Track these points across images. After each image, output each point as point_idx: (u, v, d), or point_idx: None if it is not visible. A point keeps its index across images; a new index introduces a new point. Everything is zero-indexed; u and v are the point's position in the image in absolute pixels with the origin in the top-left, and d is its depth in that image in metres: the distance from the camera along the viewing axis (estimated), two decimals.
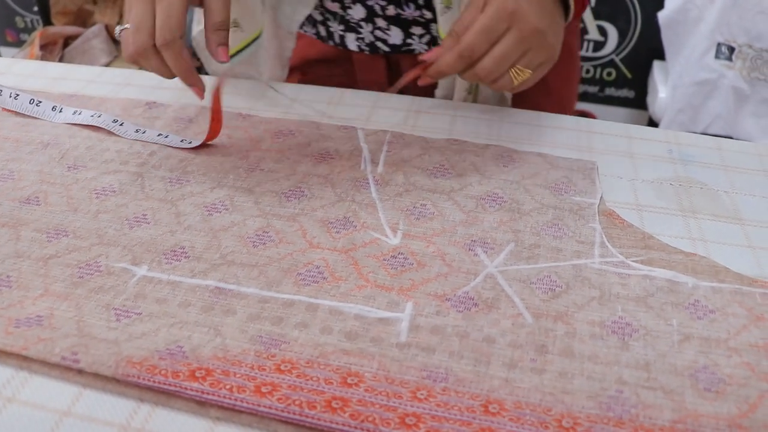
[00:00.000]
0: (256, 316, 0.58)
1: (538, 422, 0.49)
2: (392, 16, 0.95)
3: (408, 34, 0.96)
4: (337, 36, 1.02)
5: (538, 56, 0.75)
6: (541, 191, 0.73)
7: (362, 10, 0.95)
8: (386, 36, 0.97)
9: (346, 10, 0.97)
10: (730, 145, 0.84)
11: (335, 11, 0.98)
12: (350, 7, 0.96)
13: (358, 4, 0.95)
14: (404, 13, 0.93)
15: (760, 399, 0.51)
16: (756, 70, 2.30)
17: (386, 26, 0.96)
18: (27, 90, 0.93)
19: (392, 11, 0.94)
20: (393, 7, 0.93)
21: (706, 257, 0.65)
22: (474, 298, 0.60)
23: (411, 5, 0.92)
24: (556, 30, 0.76)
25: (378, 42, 0.99)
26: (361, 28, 0.98)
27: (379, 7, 0.93)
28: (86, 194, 0.72)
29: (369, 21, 0.96)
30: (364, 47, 1.01)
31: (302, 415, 0.49)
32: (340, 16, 0.98)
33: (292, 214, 0.70)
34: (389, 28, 0.96)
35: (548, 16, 0.75)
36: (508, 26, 0.72)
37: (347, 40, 1.01)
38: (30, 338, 0.55)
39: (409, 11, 0.93)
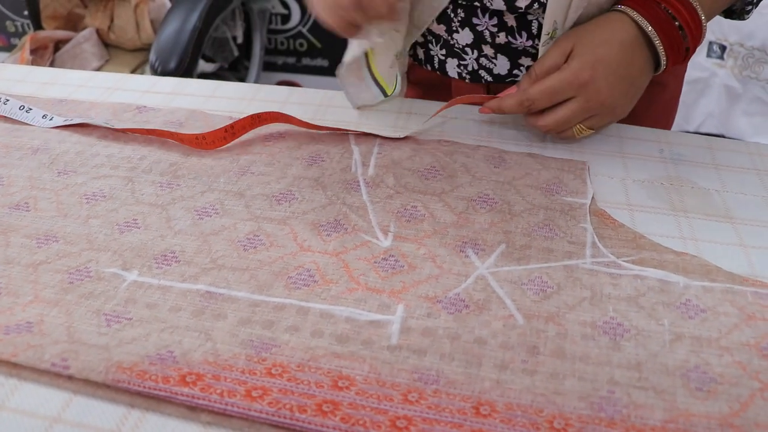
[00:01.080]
0: (246, 320, 0.57)
1: (530, 423, 0.49)
2: (501, 45, 0.88)
3: (516, 64, 0.89)
4: (437, 61, 0.95)
5: (602, 121, 0.79)
6: (532, 192, 0.73)
7: (470, 35, 0.88)
8: (491, 65, 0.90)
9: (452, 35, 0.90)
10: (721, 144, 0.84)
11: (439, 34, 0.93)
12: (457, 31, 0.89)
13: (466, 28, 0.88)
14: (515, 42, 0.86)
15: (751, 398, 0.51)
16: (748, 69, 2.31)
17: (493, 54, 0.89)
18: (16, 95, 0.93)
19: (503, 39, 0.87)
20: (504, 35, 0.86)
21: (697, 256, 0.65)
22: (465, 300, 0.60)
23: (524, 34, 0.85)
24: (632, 94, 0.79)
25: (481, 70, 0.92)
26: (466, 54, 0.91)
27: (489, 33, 0.87)
28: (76, 199, 0.72)
29: (475, 47, 0.90)
30: (465, 75, 0.94)
31: (293, 419, 0.49)
32: (443, 40, 0.93)
33: (282, 218, 0.69)
34: (496, 57, 0.89)
35: (626, 84, 0.77)
36: (575, 95, 0.76)
37: (447, 66, 0.94)
38: (19, 345, 0.54)
39: (521, 40, 0.86)
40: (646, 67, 0.78)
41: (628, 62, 0.76)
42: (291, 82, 3.05)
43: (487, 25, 0.86)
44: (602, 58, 0.74)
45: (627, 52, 0.75)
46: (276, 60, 3.20)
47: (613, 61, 0.75)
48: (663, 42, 0.75)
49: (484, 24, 0.86)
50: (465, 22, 0.87)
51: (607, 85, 0.75)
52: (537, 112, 0.79)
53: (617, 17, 0.77)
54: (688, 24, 0.75)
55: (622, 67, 0.75)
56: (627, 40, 0.75)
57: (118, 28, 2.45)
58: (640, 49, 0.76)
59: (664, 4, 0.75)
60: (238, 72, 2.81)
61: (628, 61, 0.76)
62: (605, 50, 0.75)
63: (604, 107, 0.77)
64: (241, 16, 2.68)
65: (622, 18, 0.76)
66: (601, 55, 0.74)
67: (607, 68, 0.75)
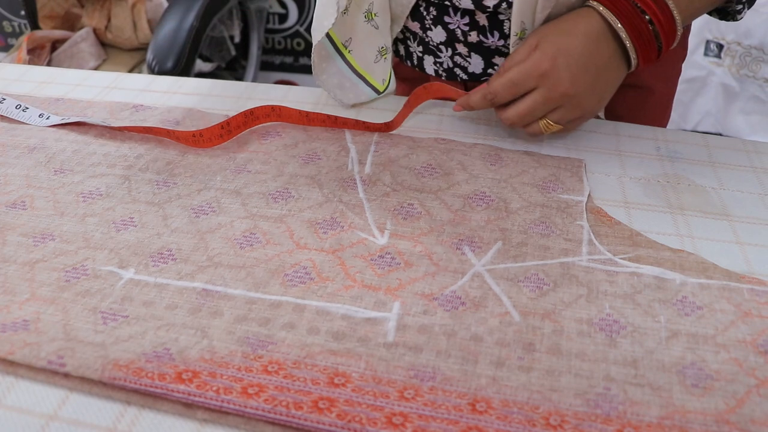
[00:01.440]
0: (243, 318, 0.57)
1: (526, 420, 0.49)
2: (474, 44, 0.88)
3: (490, 63, 0.90)
4: (416, 57, 0.96)
5: (569, 114, 0.76)
6: (529, 189, 0.73)
7: (443, 33, 0.89)
8: (466, 63, 0.91)
9: (426, 32, 0.91)
10: (718, 142, 0.84)
11: (415, 31, 0.93)
12: (430, 29, 0.90)
13: (438, 26, 0.89)
14: (487, 41, 0.87)
15: (747, 394, 0.51)
16: (745, 67, 2.31)
17: (467, 53, 0.90)
18: (13, 94, 0.92)
19: (474, 38, 0.87)
20: (476, 34, 0.87)
21: (693, 254, 0.65)
22: (461, 297, 0.60)
23: (496, 33, 0.86)
24: (600, 88, 0.76)
25: (456, 68, 0.92)
26: (440, 52, 0.92)
27: (460, 32, 0.87)
28: (73, 198, 0.72)
29: (449, 45, 0.90)
30: (441, 72, 0.94)
31: (289, 415, 0.49)
32: (419, 37, 0.93)
33: (279, 215, 0.69)
34: (470, 56, 0.90)
35: (590, 76, 0.75)
36: (536, 86, 0.74)
37: (425, 62, 0.95)
38: (16, 343, 0.54)
39: (493, 40, 0.86)
40: (614, 61, 0.76)
41: (592, 53, 0.74)
42: (288, 81, 3.06)
43: (458, 24, 0.87)
44: (564, 48, 0.73)
45: (591, 43, 0.74)
46: (273, 59, 3.20)
47: (575, 51, 0.73)
48: (632, 37, 0.74)
49: (456, 22, 0.87)
50: (437, 20, 0.88)
51: (569, 75, 0.73)
52: (502, 106, 0.78)
53: (584, 11, 0.75)
54: (659, 20, 0.73)
55: (585, 57, 0.74)
56: (592, 32, 0.74)
57: (115, 27, 2.45)
58: (606, 42, 0.75)
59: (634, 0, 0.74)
60: (236, 71, 2.81)
61: (592, 51, 0.74)
62: (567, 40, 0.74)
63: (567, 98, 0.75)
64: (238, 16, 2.68)
65: (588, 12, 0.75)
66: (563, 45, 0.73)
67: (568, 58, 0.73)
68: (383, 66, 0.92)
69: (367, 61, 0.90)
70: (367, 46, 0.89)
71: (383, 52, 0.90)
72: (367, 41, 0.88)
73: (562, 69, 0.73)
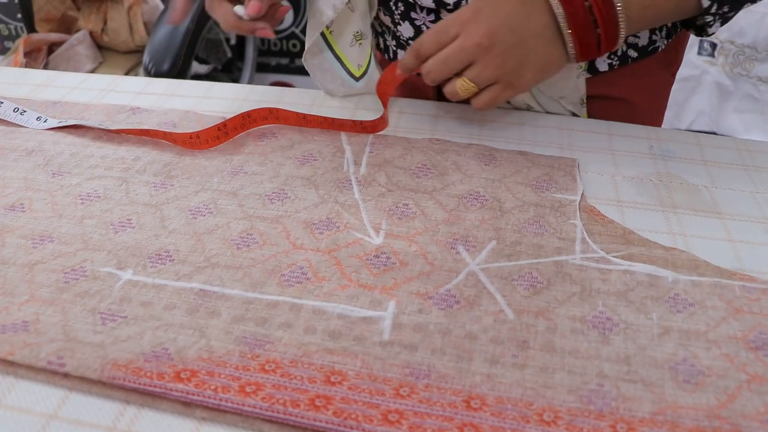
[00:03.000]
0: (240, 318, 0.58)
1: (520, 417, 0.50)
2: None
3: None
4: (391, 51, 0.98)
5: (485, 72, 0.73)
6: (522, 189, 0.74)
7: (410, 28, 0.91)
8: None
9: (396, 27, 0.93)
10: (710, 141, 0.85)
11: (388, 25, 0.95)
12: (399, 24, 0.92)
13: (406, 21, 0.90)
14: None
15: (738, 390, 0.52)
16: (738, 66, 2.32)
17: None
18: (10, 97, 0.93)
19: None
20: None
21: (685, 251, 0.66)
22: (456, 296, 0.60)
23: None
24: (522, 54, 0.73)
25: None
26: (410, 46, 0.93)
27: (426, 28, 0.89)
28: (71, 200, 0.73)
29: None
30: None
31: (286, 413, 0.49)
32: (392, 31, 0.95)
33: (275, 216, 0.70)
34: None
35: (513, 37, 0.72)
36: (457, 33, 0.73)
37: (399, 56, 0.97)
38: (16, 343, 0.55)
39: None
40: (547, 34, 0.73)
41: (521, 17, 0.72)
42: (284, 82, 3.06)
43: (424, 20, 0.88)
44: (492, 3, 0.72)
45: (524, 7, 0.72)
46: (269, 61, 3.20)
47: (503, 10, 0.72)
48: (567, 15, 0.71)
49: (422, 19, 0.88)
50: (405, 16, 0.90)
51: (487, 27, 0.71)
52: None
53: None
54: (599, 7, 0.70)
55: (512, 17, 0.72)
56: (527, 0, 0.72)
57: (112, 30, 2.46)
58: (540, 12, 0.72)
59: None
60: (232, 73, 2.82)
61: (521, 16, 0.72)
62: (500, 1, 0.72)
63: (482, 51, 0.72)
64: None
65: None
66: (493, 2, 0.72)
67: (492, 12, 0.71)
68: (359, 51, 0.93)
69: (344, 43, 0.91)
70: (345, 27, 0.90)
71: (358, 37, 0.91)
72: (344, 22, 0.90)
73: (482, 21, 0.71)
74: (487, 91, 0.75)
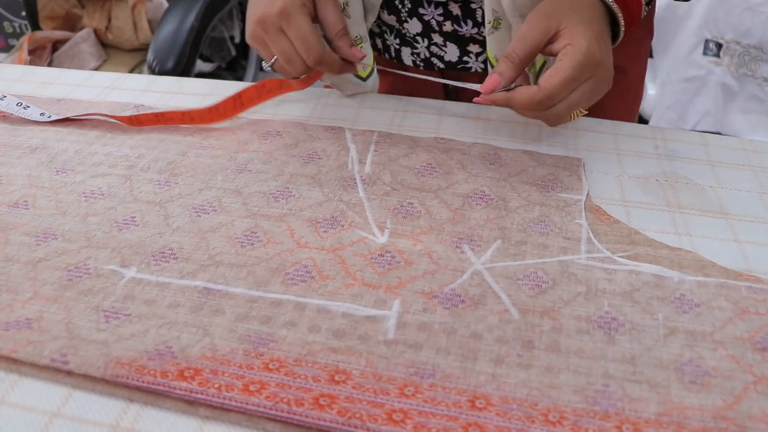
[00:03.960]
0: (244, 316, 0.58)
1: (525, 417, 0.50)
2: (449, 33, 0.91)
3: (465, 51, 0.93)
4: (393, 50, 0.99)
5: (600, 95, 0.74)
6: (528, 188, 0.74)
7: (418, 24, 0.92)
8: (442, 52, 0.94)
9: (402, 24, 0.93)
10: (716, 141, 0.84)
11: (392, 24, 0.95)
12: (406, 21, 0.92)
13: (414, 18, 0.91)
14: (461, 30, 0.90)
15: (744, 391, 0.52)
16: (744, 66, 2.31)
17: (443, 42, 0.93)
18: (14, 94, 0.93)
19: (449, 27, 0.90)
20: (450, 23, 0.90)
21: (691, 252, 0.65)
22: (461, 295, 0.60)
23: (469, 22, 0.89)
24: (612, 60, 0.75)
25: (433, 58, 0.96)
26: (417, 43, 0.95)
27: (435, 22, 0.90)
28: (75, 197, 0.73)
29: (425, 36, 0.93)
30: (419, 62, 0.98)
31: (290, 412, 0.49)
32: (396, 30, 0.96)
33: (279, 215, 0.70)
34: (446, 45, 0.93)
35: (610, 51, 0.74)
36: (591, 76, 0.71)
37: (402, 54, 0.98)
38: (19, 341, 0.55)
39: (467, 28, 0.89)
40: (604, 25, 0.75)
41: (607, 32, 0.74)
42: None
43: (433, 15, 0.89)
44: (599, 33, 0.71)
45: (603, 20, 0.73)
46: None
47: (605, 33, 0.72)
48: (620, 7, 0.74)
49: (431, 13, 0.89)
50: (412, 12, 0.90)
51: (609, 60, 0.72)
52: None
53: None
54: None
55: (605, 35, 0.73)
56: (601, 16, 0.73)
57: (116, 28, 2.46)
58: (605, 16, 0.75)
59: None
60: (236, 72, 2.82)
61: (607, 30, 0.74)
62: (597, 27, 0.71)
63: (607, 82, 0.73)
64: (238, 16, 2.68)
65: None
66: (598, 32, 0.71)
67: (604, 44, 0.71)
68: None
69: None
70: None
71: (358, 41, 0.91)
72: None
73: (606, 55, 0.71)
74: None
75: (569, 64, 0.69)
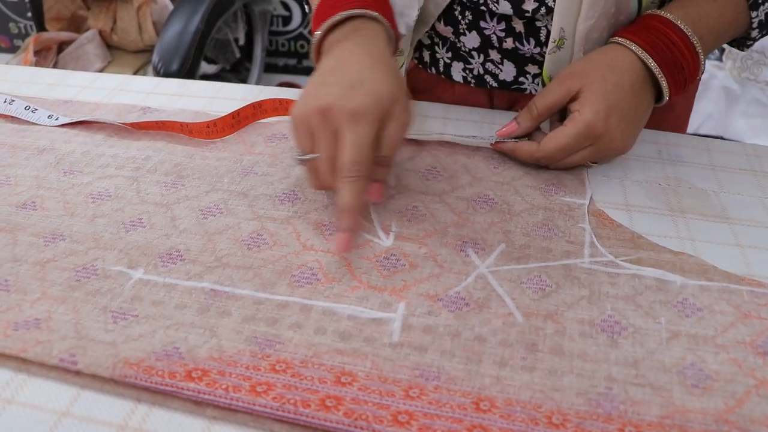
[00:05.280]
0: (250, 318, 0.58)
1: (529, 419, 0.50)
2: (508, 50, 0.88)
3: (522, 71, 0.90)
4: (442, 64, 0.96)
5: (609, 159, 0.78)
6: (532, 192, 0.74)
7: (476, 38, 0.89)
8: (497, 70, 0.91)
9: (459, 37, 0.90)
10: (718, 146, 0.85)
11: (446, 36, 0.93)
12: (464, 34, 0.89)
13: (473, 31, 0.88)
14: (522, 48, 0.87)
15: (746, 394, 0.52)
16: (746, 71, 2.32)
17: (499, 60, 0.90)
18: (22, 96, 0.93)
19: (510, 44, 0.87)
20: (512, 40, 0.86)
21: (694, 256, 0.66)
22: (465, 298, 0.61)
23: (531, 41, 0.86)
24: (638, 132, 0.78)
25: (487, 75, 0.93)
26: (472, 58, 0.92)
27: (496, 38, 0.87)
28: (82, 199, 0.73)
29: (482, 51, 0.90)
30: (470, 79, 0.95)
31: (297, 413, 0.50)
32: (450, 42, 0.93)
33: (285, 217, 0.70)
34: (502, 63, 0.90)
35: (635, 126, 0.76)
36: (590, 144, 0.74)
37: (453, 69, 0.95)
38: (28, 341, 0.55)
39: (528, 47, 0.86)
40: (651, 105, 0.78)
41: (637, 104, 0.75)
42: (292, 83, 3.07)
43: (494, 30, 0.86)
44: (614, 105, 0.72)
45: (636, 95, 0.74)
46: (277, 61, 3.21)
47: (624, 107, 0.73)
48: (666, 75, 0.75)
49: (492, 28, 0.86)
50: (472, 25, 0.88)
51: (620, 132, 0.73)
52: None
53: (623, 55, 0.75)
54: (684, 55, 0.74)
55: (632, 110, 0.74)
56: (636, 82, 0.74)
57: (121, 29, 2.47)
58: (647, 90, 0.76)
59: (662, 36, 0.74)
60: (240, 73, 2.82)
61: (637, 103, 0.75)
62: (617, 97, 0.73)
63: (614, 151, 0.76)
64: (242, 18, 2.69)
65: (628, 56, 0.75)
66: (614, 103, 0.72)
67: (619, 115, 0.73)
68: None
69: None
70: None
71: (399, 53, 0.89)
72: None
73: (614, 127, 0.73)
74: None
75: (569, 132, 0.73)
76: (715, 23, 0.77)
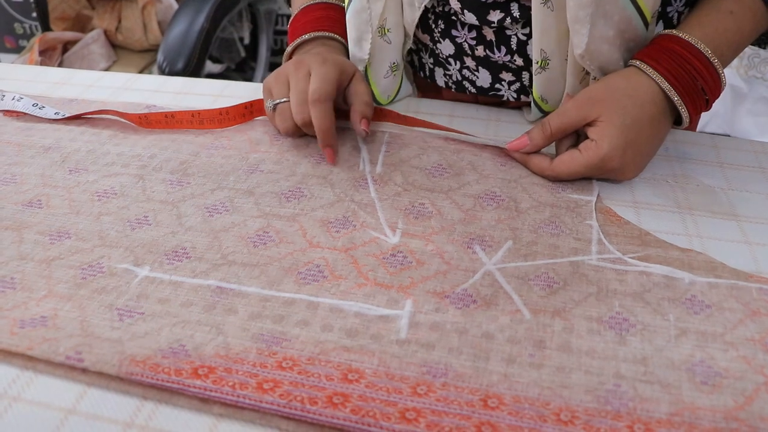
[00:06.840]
0: (257, 315, 0.58)
1: (537, 416, 0.50)
2: (481, 57, 0.89)
3: (497, 78, 0.90)
4: (428, 68, 0.98)
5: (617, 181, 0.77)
6: (539, 189, 0.74)
7: (450, 46, 0.90)
8: (474, 77, 0.92)
9: (436, 44, 0.92)
10: (726, 143, 0.85)
11: (426, 43, 0.94)
12: (439, 42, 0.91)
13: (446, 39, 0.90)
14: (494, 56, 0.87)
15: (756, 392, 0.52)
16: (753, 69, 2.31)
17: (475, 67, 0.90)
18: (28, 95, 0.93)
19: (481, 52, 0.88)
20: (482, 48, 0.87)
21: (702, 253, 0.66)
22: (472, 295, 0.60)
23: (502, 48, 0.86)
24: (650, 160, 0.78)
25: (465, 82, 0.94)
26: (449, 64, 0.93)
27: (468, 46, 0.88)
28: (88, 197, 0.73)
29: (457, 59, 0.91)
30: (451, 84, 0.96)
31: (304, 410, 0.50)
32: (430, 49, 0.94)
33: (292, 214, 0.70)
34: (478, 69, 0.90)
35: (649, 158, 0.77)
36: (602, 174, 0.75)
37: (436, 74, 0.97)
38: (35, 338, 0.55)
39: (500, 55, 0.87)
40: (667, 133, 0.78)
41: (654, 137, 0.75)
42: None
43: (465, 38, 0.87)
44: (632, 141, 0.72)
45: (654, 128, 0.74)
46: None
47: (641, 142, 0.73)
48: (687, 105, 0.74)
49: (463, 36, 0.87)
50: (445, 33, 0.89)
51: (634, 166, 0.74)
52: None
53: (645, 86, 0.74)
54: (706, 81, 0.74)
55: (648, 145, 0.74)
56: (656, 114, 0.74)
57: (126, 29, 2.47)
58: (665, 121, 0.75)
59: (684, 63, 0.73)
60: (245, 73, 2.82)
61: (654, 136, 0.75)
62: (635, 133, 0.72)
63: (623, 179, 0.76)
64: (247, 17, 2.69)
65: (651, 87, 0.74)
66: (632, 139, 0.72)
67: (635, 150, 0.73)
68: (391, 82, 0.93)
69: (379, 75, 0.91)
70: (383, 60, 0.90)
71: (394, 68, 0.91)
72: (380, 56, 0.89)
73: (629, 162, 0.73)
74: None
75: (582, 161, 0.73)
76: (734, 37, 0.76)
